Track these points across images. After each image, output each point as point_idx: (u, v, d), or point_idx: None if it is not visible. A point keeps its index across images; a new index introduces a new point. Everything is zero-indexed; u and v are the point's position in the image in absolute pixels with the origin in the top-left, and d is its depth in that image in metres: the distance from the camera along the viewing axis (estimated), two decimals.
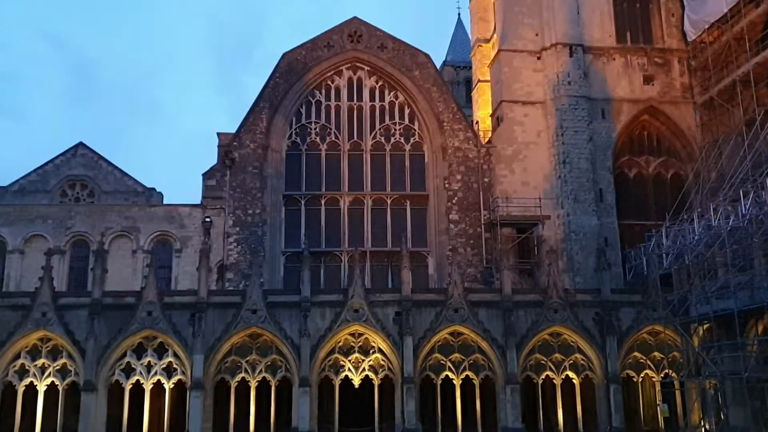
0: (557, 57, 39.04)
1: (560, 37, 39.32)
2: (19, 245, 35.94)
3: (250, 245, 36.80)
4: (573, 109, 38.29)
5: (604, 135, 38.70)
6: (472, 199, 38.30)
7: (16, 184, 39.89)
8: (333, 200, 39.20)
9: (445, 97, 40.46)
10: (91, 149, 40.96)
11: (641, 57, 40.24)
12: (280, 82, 39.88)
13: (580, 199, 37.18)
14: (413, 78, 40.38)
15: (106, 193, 40.11)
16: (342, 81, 40.83)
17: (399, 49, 40.88)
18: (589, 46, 39.79)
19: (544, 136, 38.97)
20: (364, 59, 40.78)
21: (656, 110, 39.71)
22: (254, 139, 38.78)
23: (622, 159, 39.47)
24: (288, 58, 40.25)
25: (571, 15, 39.69)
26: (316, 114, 40.31)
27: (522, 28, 40.43)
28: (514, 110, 39.37)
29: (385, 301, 30.54)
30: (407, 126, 40.43)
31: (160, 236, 36.97)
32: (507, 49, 40.22)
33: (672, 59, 40.38)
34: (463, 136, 39.41)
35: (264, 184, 38.18)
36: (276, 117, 39.27)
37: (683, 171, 39.41)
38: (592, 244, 36.32)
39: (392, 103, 40.69)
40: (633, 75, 39.89)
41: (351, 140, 40.02)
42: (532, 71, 39.87)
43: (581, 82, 38.87)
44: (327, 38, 40.84)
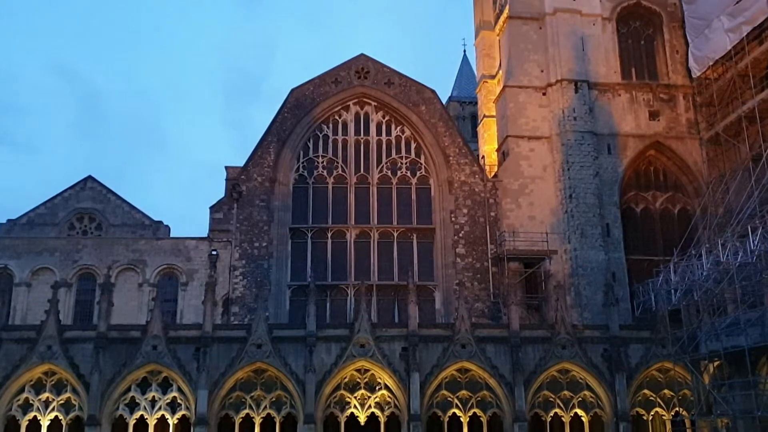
0: (563, 93, 39.35)
1: (565, 73, 39.68)
2: (26, 278, 35.97)
3: (256, 278, 36.74)
4: (579, 144, 38.46)
5: (611, 170, 38.79)
6: (478, 233, 38.27)
7: (25, 217, 40.09)
8: (339, 233, 39.22)
9: (451, 131, 40.73)
10: (99, 183, 41.24)
11: (646, 93, 40.53)
12: (288, 116, 40.26)
13: (587, 233, 37.11)
14: (419, 113, 40.71)
15: (113, 226, 40.25)
16: (349, 116, 41.19)
17: (405, 84, 41.31)
18: (595, 82, 40.13)
19: (550, 170, 39.08)
20: (371, 95, 41.19)
21: (662, 145, 39.86)
22: (262, 172, 39.02)
23: (629, 194, 39.49)
24: (296, 94, 40.70)
25: (576, 51, 40.10)
26: (324, 148, 40.59)
27: (527, 64, 40.85)
28: (520, 145, 39.57)
29: (392, 336, 30.31)
30: (413, 160, 40.63)
31: (166, 269, 36.98)
32: (512, 85, 40.59)
33: (677, 95, 40.66)
34: (469, 170, 39.56)
35: (271, 217, 38.29)
36: (284, 151, 39.55)
37: (690, 206, 39.37)
38: (599, 279, 36.12)
39: (399, 138, 40.97)
40: (638, 110, 40.13)
41: (358, 173, 40.21)
42: (538, 106, 40.18)
43: (587, 118, 39.10)
44: (335, 74, 41.33)
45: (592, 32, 40.84)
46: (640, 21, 42.37)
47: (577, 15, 40.79)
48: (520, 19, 41.54)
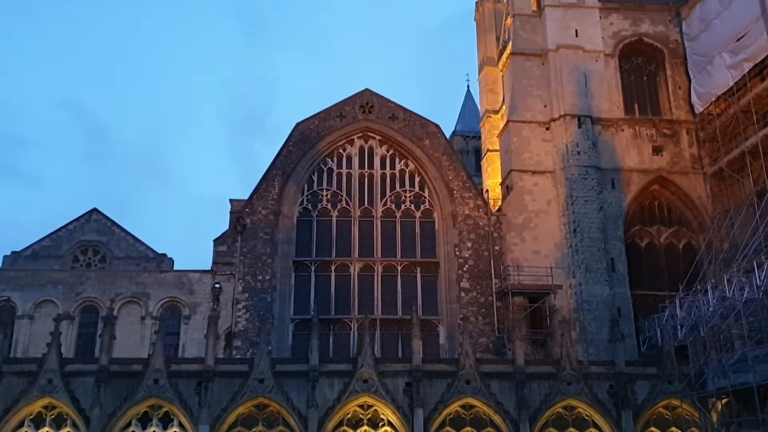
0: (566, 128, 39.57)
1: (569, 108, 39.94)
2: (29, 310, 35.89)
3: (259, 312, 36.55)
4: (583, 179, 38.53)
5: (615, 204, 38.77)
6: (483, 267, 38.14)
7: (29, 249, 40.22)
8: (343, 266, 39.12)
9: (455, 165, 40.89)
10: (104, 215, 41.43)
11: (650, 128, 40.72)
12: (293, 150, 40.51)
13: (592, 268, 36.94)
14: (423, 147, 40.92)
15: (117, 258, 40.32)
16: (354, 149, 41.42)
17: (409, 119, 41.61)
18: (598, 117, 40.35)
19: (554, 205, 39.09)
20: (376, 129, 41.48)
21: (666, 180, 39.89)
22: (266, 205, 39.12)
23: (634, 229, 39.40)
24: (301, 128, 41.01)
25: (579, 87, 40.42)
26: (328, 181, 40.74)
27: (531, 99, 41.17)
28: (523, 179, 39.67)
29: (395, 372, 30.03)
30: (417, 193, 40.72)
31: (169, 302, 36.87)
32: (516, 120, 40.86)
33: (680, 130, 40.82)
34: (473, 203, 39.61)
35: (274, 249, 38.26)
36: (288, 184, 39.71)
37: (695, 241, 39.22)
38: (605, 314, 35.86)
39: (403, 171, 41.12)
40: (642, 145, 40.28)
41: (362, 207, 40.28)
42: (541, 141, 40.37)
43: (590, 153, 39.24)
44: (339, 109, 41.69)
45: (595, 68, 41.22)
46: (643, 57, 42.78)
47: (580, 51, 41.22)
48: (523, 56, 41.99)
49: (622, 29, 42.60)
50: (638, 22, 42.80)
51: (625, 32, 42.58)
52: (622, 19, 42.80)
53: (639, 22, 42.80)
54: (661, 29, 42.79)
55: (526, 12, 42.98)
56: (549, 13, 42.02)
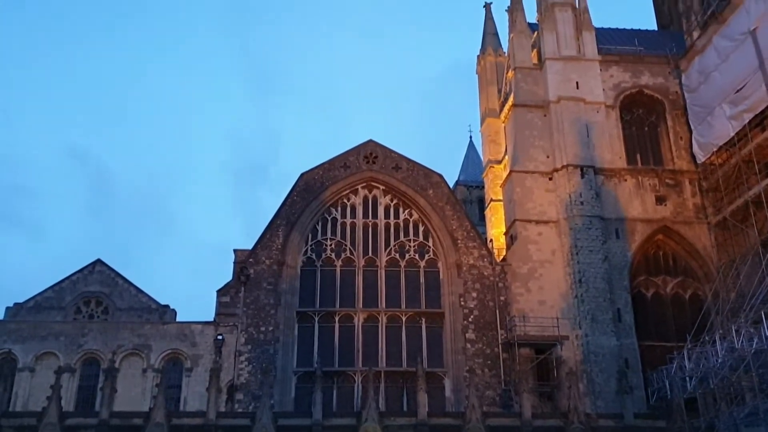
0: (569, 178, 39.79)
1: (571, 158, 40.24)
2: (29, 363, 35.51)
3: (262, 364, 36.13)
4: (587, 229, 38.54)
5: (619, 254, 38.68)
6: (488, 318, 37.83)
7: (32, 301, 40.08)
8: (347, 317, 38.82)
9: (459, 215, 40.98)
10: (108, 266, 41.42)
11: (652, 178, 40.94)
12: (298, 200, 40.69)
13: (598, 319, 36.63)
14: (427, 197, 41.10)
15: (120, 310, 40.14)
16: (358, 199, 41.60)
17: (413, 169, 41.91)
18: (600, 167, 40.61)
19: (558, 254, 39.01)
20: (380, 179, 41.74)
21: (670, 230, 39.88)
22: (270, 255, 39.08)
23: (639, 279, 39.21)
24: (306, 178, 41.28)
25: (581, 138, 40.81)
26: (332, 231, 40.78)
27: (533, 150, 41.51)
28: (527, 229, 39.69)
29: (401, 426, 29.57)
30: (422, 243, 40.69)
31: (171, 354, 36.47)
32: (519, 170, 41.12)
33: (683, 180, 41.02)
34: (477, 253, 39.55)
35: (278, 300, 38.05)
36: (292, 234, 39.75)
37: (701, 291, 38.98)
38: (612, 365, 35.41)
39: (407, 221, 41.19)
40: (645, 195, 40.42)
41: (366, 256, 40.20)
42: (545, 191, 40.54)
43: (594, 203, 39.35)
44: (344, 159, 42.04)
45: (597, 119, 41.70)
46: (643, 108, 43.32)
47: (581, 103, 41.77)
48: (525, 107, 42.54)
49: (622, 81, 43.27)
50: (638, 75, 43.49)
51: (626, 84, 43.23)
52: (622, 71, 43.50)
53: (639, 74, 43.50)
54: (660, 81, 43.45)
55: (527, 65, 43.72)
56: (550, 66, 42.74)
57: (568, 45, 43.27)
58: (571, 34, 43.56)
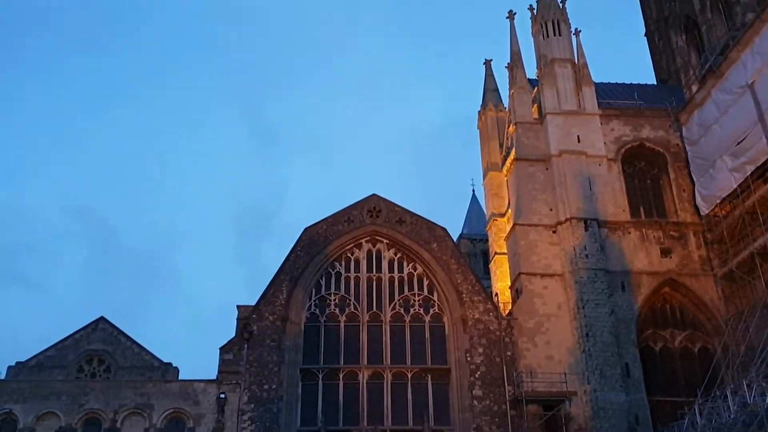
0: (572, 231, 39.77)
1: (574, 211, 40.30)
2: (30, 423, 34.86)
3: (265, 423, 35.48)
4: (592, 282, 38.30)
5: (626, 308, 38.34)
6: (495, 374, 37.26)
7: (34, 360, 39.68)
8: (351, 374, 38.27)
9: (464, 269, 40.84)
10: (111, 324, 41.16)
11: (656, 230, 40.89)
12: (301, 254, 40.66)
13: (607, 374, 36.06)
14: (431, 250, 41.05)
15: (122, 368, 39.67)
16: (361, 253, 41.56)
17: (417, 223, 41.99)
18: (604, 220, 40.61)
19: (564, 308, 38.68)
20: (383, 233, 41.79)
21: (676, 283, 39.61)
22: (273, 311, 38.83)
23: (647, 332, 38.76)
24: (310, 232, 41.35)
25: (584, 191, 40.95)
26: (336, 285, 40.61)
27: (536, 203, 41.63)
28: (533, 282, 39.47)
29: None
30: (426, 297, 40.45)
31: (173, 413, 35.80)
32: (522, 224, 41.15)
33: (687, 232, 40.95)
34: (483, 307, 39.25)
35: (281, 357, 37.59)
36: (296, 289, 39.58)
37: (711, 344, 38.46)
38: (622, 422, 34.72)
39: (411, 275, 41.05)
40: (650, 248, 40.30)
41: (370, 311, 39.90)
42: (549, 244, 40.48)
43: (598, 255, 39.23)
44: (347, 213, 42.20)
45: (599, 172, 41.93)
46: (645, 161, 43.60)
47: (583, 156, 42.07)
48: (527, 161, 42.86)
49: (623, 134, 43.69)
50: (639, 128, 43.94)
51: (627, 137, 43.64)
52: (623, 124, 43.98)
53: (639, 127, 43.95)
54: (661, 134, 43.86)
55: (528, 120, 44.26)
56: (550, 121, 43.24)
57: (568, 100, 43.87)
58: (571, 89, 44.21)
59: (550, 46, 45.36)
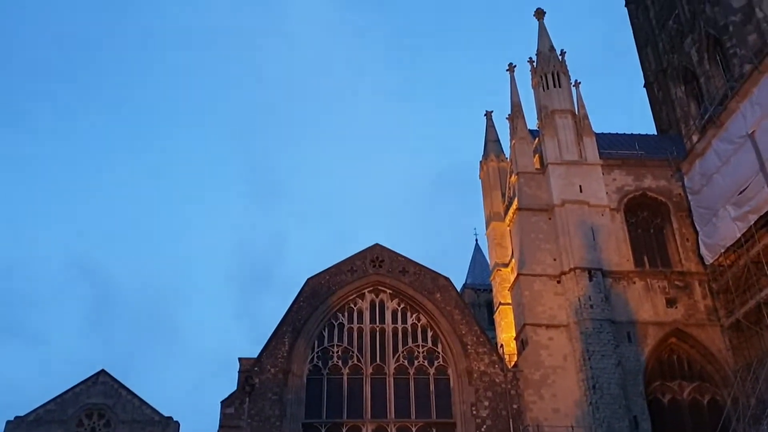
0: (577, 281, 39.53)
1: (578, 261, 40.14)
2: None
3: None
4: (598, 333, 37.88)
5: (633, 359, 37.82)
6: (501, 427, 36.51)
7: (33, 414, 38.93)
8: (355, 428, 37.54)
9: (468, 319, 40.48)
10: (112, 377, 40.53)
11: (661, 280, 40.62)
12: (304, 305, 40.40)
13: (614, 427, 35.34)
14: (435, 301, 40.77)
15: (123, 422, 38.88)
16: (365, 303, 41.29)
17: (420, 273, 41.83)
18: (608, 270, 40.38)
19: (570, 360, 38.16)
20: (386, 283, 41.60)
21: (683, 333, 39.16)
22: (275, 363, 38.36)
23: (654, 384, 38.13)
24: (312, 283, 41.17)
25: (587, 241, 40.88)
26: (339, 337, 40.20)
27: (539, 253, 41.50)
28: (538, 333, 39.06)
29: None
30: (431, 348, 39.98)
31: None
32: (526, 274, 40.94)
33: (693, 282, 40.66)
34: (488, 359, 38.74)
35: (283, 411, 36.95)
36: (298, 341, 39.18)
37: (720, 396, 37.76)
38: None
39: (415, 326, 40.67)
40: (655, 298, 39.99)
41: (374, 363, 39.39)
42: (553, 294, 40.19)
43: (603, 306, 38.90)
44: (350, 263, 42.08)
45: (602, 222, 41.93)
46: (648, 211, 43.63)
47: (585, 206, 42.11)
48: (530, 211, 42.90)
49: (625, 184, 43.83)
50: (641, 177, 44.10)
51: (629, 187, 43.77)
52: (625, 174, 44.15)
53: (641, 177, 44.12)
54: (663, 184, 43.99)
55: (530, 170, 44.49)
56: (552, 171, 43.46)
57: (569, 150, 44.17)
58: (572, 139, 44.57)
59: (550, 98, 45.94)
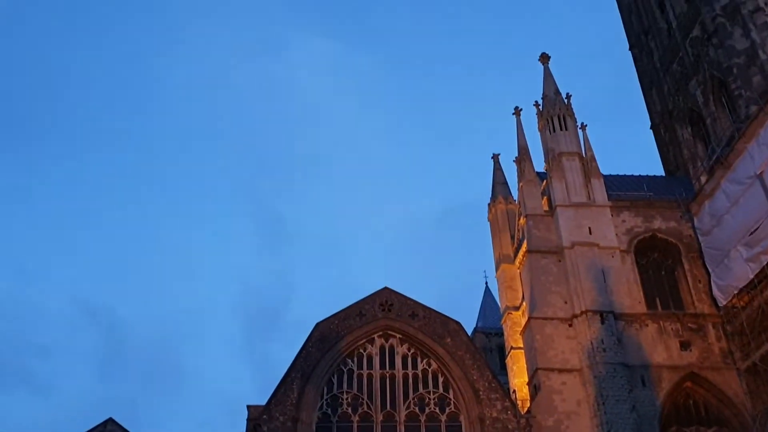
0: (589, 324, 39.03)
1: (589, 304, 39.69)
2: None
3: None
4: (611, 377, 37.23)
5: (648, 404, 37.05)
6: None
7: None
8: None
9: (479, 364, 39.88)
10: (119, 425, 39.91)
11: (674, 322, 40.05)
12: (313, 351, 39.94)
13: None
14: (445, 345, 40.24)
15: None
16: (374, 349, 40.81)
17: (430, 317, 41.42)
18: (620, 312, 39.90)
19: (584, 405, 37.40)
20: (396, 327, 41.18)
21: (698, 377, 38.41)
22: (284, 411, 37.73)
23: (670, 429, 37.23)
24: (321, 328, 40.79)
25: (598, 283, 40.49)
26: (348, 383, 39.60)
27: (550, 296, 41.11)
28: (551, 378, 38.41)
29: None
30: (442, 395, 39.30)
31: None
32: (537, 317, 40.48)
33: (706, 324, 40.07)
34: (500, 405, 38.01)
35: None
36: (307, 387, 38.61)
37: None
38: None
39: (425, 371, 40.06)
40: (669, 341, 39.37)
41: (384, 410, 38.66)
42: (566, 338, 39.65)
43: (616, 349, 38.29)
44: (359, 307, 41.74)
45: (612, 264, 41.60)
46: (658, 252, 43.30)
47: (595, 248, 41.84)
48: (539, 253, 42.65)
49: (634, 226, 43.61)
50: (650, 219, 43.89)
51: (638, 229, 43.53)
52: (634, 216, 43.96)
53: (651, 218, 43.90)
54: (673, 225, 43.73)
55: (539, 212, 44.40)
56: (561, 213, 43.34)
57: (577, 192, 44.13)
58: (580, 181, 44.57)
59: (557, 140, 46.14)
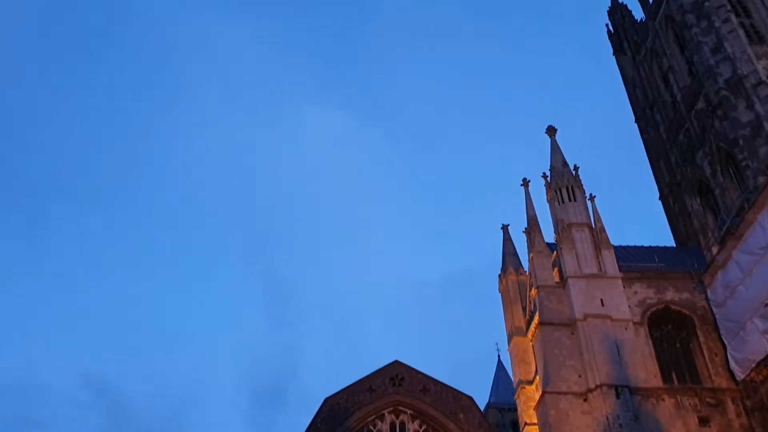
0: (604, 399, 38.01)
1: (604, 378, 38.77)
2: None
3: None
4: None
5: None
6: None
7: None
8: None
9: None
10: None
11: (692, 397, 38.91)
12: (321, 427, 39.28)
13: None
14: (458, 421, 39.49)
15: None
16: (384, 425, 40.10)
17: (441, 391, 40.79)
18: (635, 386, 38.84)
19: None
20: (407, 402, 40.54)
21: None
22: None
23: None
24: (330, 403, 40.21)
25: (612, 356, 39.67)
26: None
27: (564, 369, 40.25)
28: None
29: None
30: None
31: None
32: (551, 392, 39.52)
33: (725, 399, 38.90)
34: None
35: None
36: None
37: None
38: None
39: None
40: (687, 417, 38.17)
41: None
42: (580, 413, 38.56)
43: (633, 425, 37.13)
44: (369, 382, 41.22)
45: (626, 336, 40.82)
46: (672, 324, 42.51)
47: (608, 320, 41.16)
48: (551, 326, 42.01)
49: (647, 297, 43.03)
50: (662, 290, 43.27)
51: (651, 300, 42.93)
52: (646, 287, 43.38)
53: (663, 290, 43.29)
54: (686, 296, 43.07)
55: (550, 284, 43.99)
56: (572, 284, 42.92)
57: (588, 263, 43.81)
58: (591, 252, 44.30)
59: (566, 211, 46.17)
